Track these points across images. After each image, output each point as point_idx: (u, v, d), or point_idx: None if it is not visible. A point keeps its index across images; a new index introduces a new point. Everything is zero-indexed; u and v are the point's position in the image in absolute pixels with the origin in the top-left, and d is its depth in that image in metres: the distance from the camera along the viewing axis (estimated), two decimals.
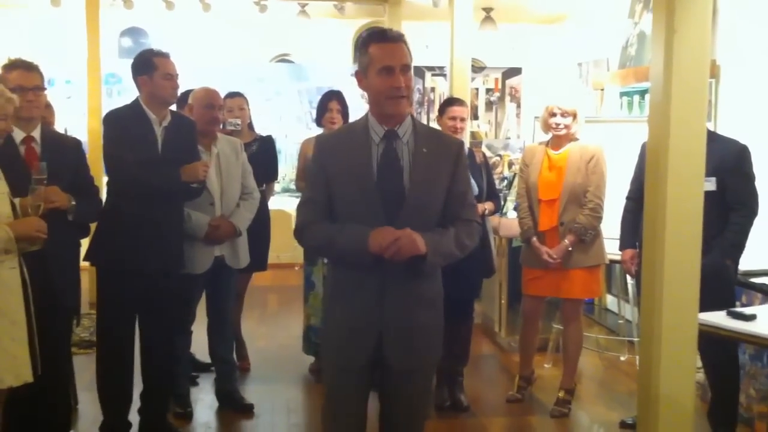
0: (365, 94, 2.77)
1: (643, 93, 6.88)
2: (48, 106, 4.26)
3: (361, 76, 2.67)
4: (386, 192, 2.63)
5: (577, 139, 4.64)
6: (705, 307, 3.20)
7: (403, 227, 2.56)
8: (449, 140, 2.90)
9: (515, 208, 5.32)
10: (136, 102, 3.98)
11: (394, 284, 2.65)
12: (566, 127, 4.57)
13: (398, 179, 2.65)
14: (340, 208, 2.68)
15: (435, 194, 2.69)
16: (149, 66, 3.92)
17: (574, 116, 4.57)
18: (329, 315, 2.81)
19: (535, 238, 4.64)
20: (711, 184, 3.77)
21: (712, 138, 3.32)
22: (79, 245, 3.87)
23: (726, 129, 4.89)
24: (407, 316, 2.68)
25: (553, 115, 4.59)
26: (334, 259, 2.84)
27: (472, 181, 4.59)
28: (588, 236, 4.56)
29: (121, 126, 3.92)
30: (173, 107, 4.14)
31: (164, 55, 4.00)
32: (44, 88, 3.65)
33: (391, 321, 2.67)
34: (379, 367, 2.73)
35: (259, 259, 5.20)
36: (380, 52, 2.60)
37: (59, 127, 5.22)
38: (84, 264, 3.94)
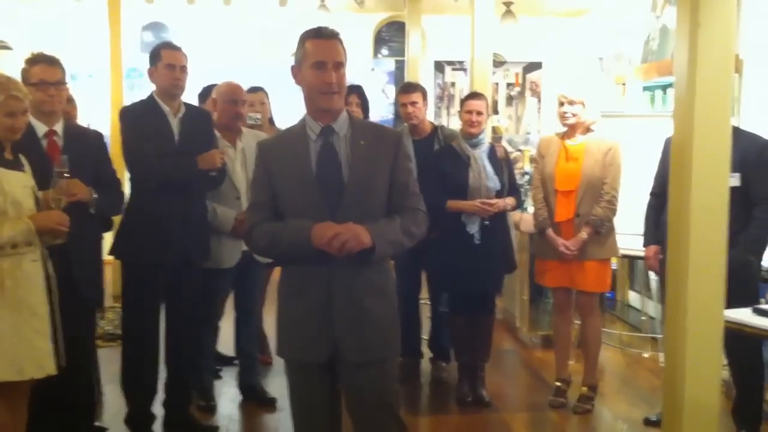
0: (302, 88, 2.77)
1: (665, 87, 6.83)
2: (70, 101, 4.29)
3: (297, 71, 2.72)
4: (326, 186, 2.66)
5: (592, 131, 4.61)
6: (729, 303, 3.16)
7: (345, 220, 2.58)
8: (388, 132, 2.93)
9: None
10: (150, 96, 4.02)
11: (342, 275, 2.64)
12: (574, 115, 4.54)
13: (337, 173, 2.68)
14: (284, 207, 2.71)
15: (375, 186, 2.70)
16: (156, 57, 3.96)
17: (582, 105, 4.54)
18: (282, 314, 2.78)
19: (550, 230, 4.62)
20: (735, 180, 3.73)
21: (735, 133, 3.29)
22: (101, 239, 3.89)
23: (749, 124, 4.85)
24: (357, 306, 2.67)
25: (561, 104, 4.58)
26: (281, 258, 2.83)
27: (495, 176, 4.62)
28: (604, 228, 4.54)
29: (136, 120, 3.96)
30: (185, 99, 4.13)
31: (171, 47, 4.02)
32: (66, 83, 3.67)
33: (342, 312, 2.66)
34: (339, 363, 2.71)
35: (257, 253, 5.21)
36: (314, 48, 2.66)
37: (82, 121, 5.25)
38: (108, 257, 3.97)
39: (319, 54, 2.64)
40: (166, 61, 3.93)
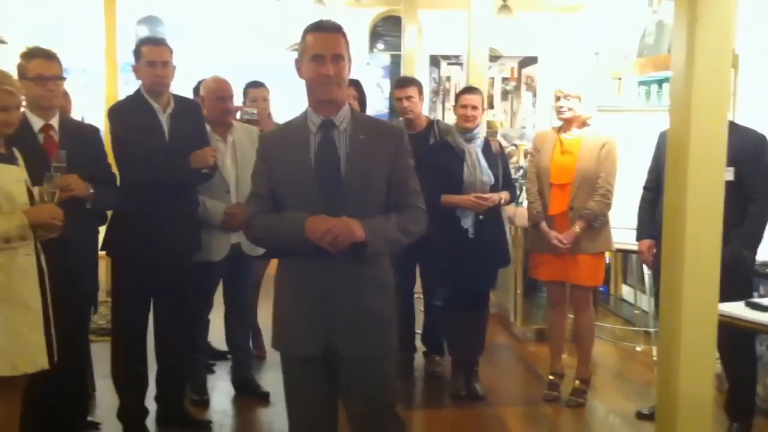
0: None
1: (661, 82, 6.84)
2: (65, 95, 4.27)
3: (299, 64, 2.73)
4: (324, 180, 2.66)
5: (589, 125, 4.62)
6: (722, 297, 3.18)
7: (342, 214, 2.58)
8: (389, 128, 2.94)
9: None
10: (137, 92, 3.98)
11: (340, 270, 2.64)
12: (570, 109, 4.55)
13: (335, 167, 2.67)
14: (283, 199, 2.71)
15: (374, 181, 2.70)
16: (137, 54, 3.93)
17: (578, 99, 4.55)
18: (279, 307, 2.78)
19: (544, 223, 4.62)
20: (729, 174, 3.73)
21: (731, 128, 3.30)
22: (97, 233, 3.88)
23: (745, 119, 4.85)
24: (353, 301, 2.67)
25: (557, 98, 4.59)
26: (278, 249, 2.83)
27: (489, 171, 4.62)
28: (598, 222, 4.54)
29: (125, 118, 3.92)
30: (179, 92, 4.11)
31: (151, 42, 3.98)
32: (64, 78, 3.65)
33: (338, 306, 2.66)
34: (335, 357, 2.70)
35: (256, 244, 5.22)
36: (314, 41, 2.67)
37: (76, 115, 5.23)
38: (101, 252, 3.96)
39: (317, 47, 2.65)
40: (146, 58, 3.88)
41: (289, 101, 8.43)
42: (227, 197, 4.41)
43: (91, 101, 7.90)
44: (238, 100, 5.23)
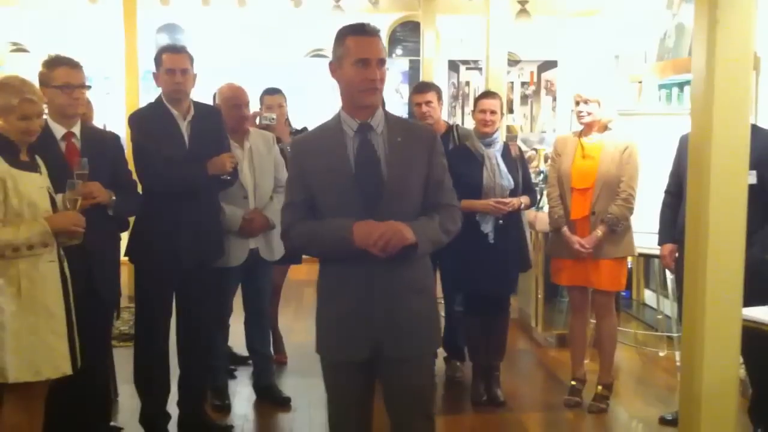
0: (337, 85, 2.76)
1: (681, 85, 6.79)
2: (88, 103, 4.31)
3: (336, 67, 2.69)
4: (365, 184, 2.65)
5: (610, 129, 4.59)
6: (746, 301, 3.15)
7: (384, 217, 2.58)
8: (422, 129, 2.94)
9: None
10: (158, 99, 4.01)
11: (381, 272, 2.64)
12: (589, 114, 4.53)
13: (376, 170, 2.67)
14: (321, 205, 2.70)
15: (413, 183, 2.70)
16: (158, 62, 3.96)
17: (598, 103, 4.53)
18: (322, 313, 2.79)
19: (566, 228, 4.60)
20: (752, 178, 3.70)
21: (753, 131, 3.27)
22: (119, 239, 3.91)
23: (767, 121, 4.81)
24: (396, 303, 2.67)
25: (577, 103, 4.57)
26: (321, 255, 2.84)
27: (509, 175, 4.61)
28: (620, 227, 4.51)
29: (146, 126, 3.95)
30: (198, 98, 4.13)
31: (171, 50, 4.00)
32: (88, 86, 3.68)
33: (381, 309, 2.66)
34: (378, 359, 2.71)
35: (294, 252, 5.25)
36: (357, 45, 2.63)
37: (98, 123, 5.27)
38: (123, 258, 3.99)
39: (362, 51, 2.62)
40: (166, 65, 3.91)
41: (304, 107, 8.50)
42: (245, 203, 4.43)
43: (112, 109, 7.98)
44: (255, 106, 5.28)
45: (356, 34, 2.65)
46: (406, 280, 2.69)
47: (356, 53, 2.62)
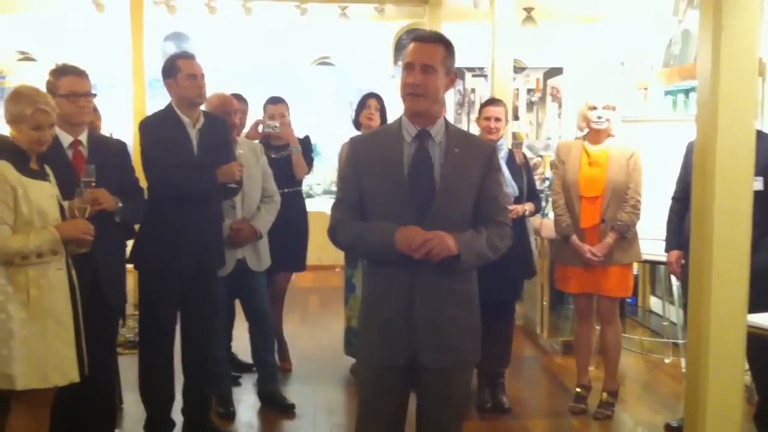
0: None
1: (687, 91, 6.79)
2: (95, 111, 4.33)
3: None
4: (416, 189, 2.66)
5: (613, 136, 4.59)
6: (751, 308, 3.14)
7: (432, 225, 2.58)
8: (482, 143, 2.95)
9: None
10: (168, 107, 4.03)
11: (424, 281, 2.65)
12: (607, 120, 4.52)
13: (429, 177, 2.67)
14: (371, 206, 2.71)
15: (464, 194, 2.70)
16: (173, 69, 3.97)
17: (614, 109, 4.53)
18: (364, 316, 2.82)
19: (575, 236, 4.59)
20: (758, 184, 3.70)
21: (758, 137, 3.27)
22: (125, 246, 3.93)
23: None
24: (438, 312, 2.68)
25: (593, 108, 4.55)
26: (364, 256, 2.88)
27: (513, 182, 4.60)
28: (629, 234, 4.52)
29: (156, 132, 3.98)
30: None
31: (187, 57, 4.04)
32: (94, 94, 3.71)
33: (422, 317, 2.67)
34: (416, 368, 2.72)
35: (298, 260, 5.27)
36: (409, 50, 2.67)
37: (105, 131, 5.29)
38: (129, 265, 4.00)
39: (409, 55, 2.65)
40: (186, 71, 3.94)
41: (309, 115, 8.52)
42: (233, 213, 4.44)
43: (119, 117, 8.01)
44: (258, 114, 5.30)
45: (414, 39, 2.69)
46: (449, 290, 2.70)
47: (406, 57, 2.67)
